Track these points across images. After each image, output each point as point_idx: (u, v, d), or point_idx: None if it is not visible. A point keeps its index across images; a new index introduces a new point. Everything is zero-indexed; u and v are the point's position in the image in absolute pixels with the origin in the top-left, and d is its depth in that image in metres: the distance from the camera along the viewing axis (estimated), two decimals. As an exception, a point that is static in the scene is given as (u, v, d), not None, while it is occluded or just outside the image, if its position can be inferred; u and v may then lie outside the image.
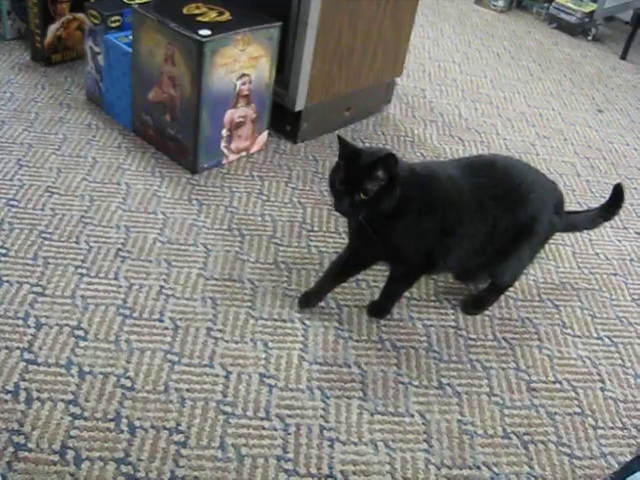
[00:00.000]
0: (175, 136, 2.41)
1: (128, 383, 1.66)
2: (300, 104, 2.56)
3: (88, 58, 2.69)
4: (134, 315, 1.84)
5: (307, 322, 1.90)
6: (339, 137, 1.73)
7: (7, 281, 1.88)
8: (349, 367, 1.80)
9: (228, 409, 1.64)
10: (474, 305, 2.06)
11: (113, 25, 2.58)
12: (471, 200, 1.82)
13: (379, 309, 1.97)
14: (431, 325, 1.96)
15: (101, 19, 2.56)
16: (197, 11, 2.36)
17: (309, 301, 1.95)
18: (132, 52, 2.45)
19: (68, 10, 2.96)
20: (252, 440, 1.59)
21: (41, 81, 2.86)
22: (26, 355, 1.69)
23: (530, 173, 1.94)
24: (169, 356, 1.74)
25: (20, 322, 1.77)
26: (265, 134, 2.57)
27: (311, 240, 2.19)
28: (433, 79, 3.47)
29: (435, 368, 1.84)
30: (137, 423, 1.58)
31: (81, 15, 2.93)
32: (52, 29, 2.95)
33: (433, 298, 2.06)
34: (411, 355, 1.86)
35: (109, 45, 2.55)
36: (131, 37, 2.48)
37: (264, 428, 1.62)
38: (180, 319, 1.85)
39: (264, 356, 1.78)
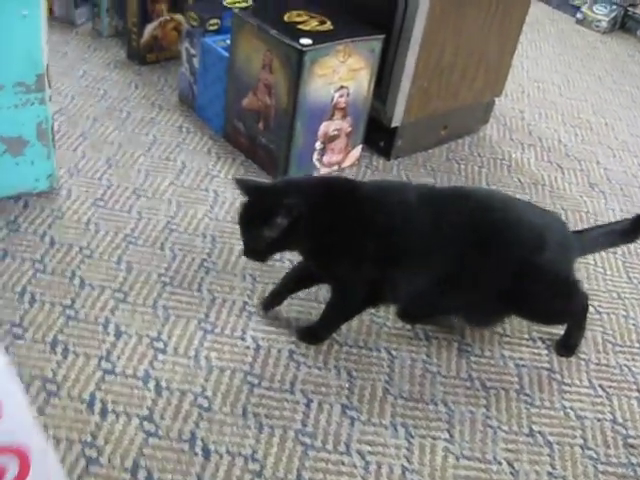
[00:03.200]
0: (267, 145, 2.34)
1: (205, 403, 1.59)
2: (397, 120, 2.47)
3: (183, 60, 2.65)
4: (215, 331, 1.77)
5: (394, 352, 1.80)
6: (236, 179, 1.66)
7: (90, 284, 1.84)
8: (436, 405, 1.70)
9: (307, 440, 1.56)
10: (565, 346, 1.92)
11: (211, 28, 2.53)
12: (425, 231, 1.65)
13: (309, 333, 1.80)
14: (523, 365, 1.84)
15: (200, 21, 2.52)
16: (298, 19, 2.30)
17: (268, 304, 1.84)
18: (229, 57, 2.39)
19: (166, 10, 2.94)
20: (330, 476, 1.50)
21: (135, 80, 2.83)
22: (104, 364, 1.64)
23: (515, 209, 1.75)
24: (249, 377, 1.67)
25: (100, 328, 1.73)
26: (359, 149, 2.48)
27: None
28: (532, 100, 3.33)
29: (526, 413, 1.72)
30: (212, 447, 1.51)
31: (178, 16, 2.91)
32: (149, 28, 2.93)
33: (526, 336, 1.93)
34: (501, 397, 1.75)
35: (206, 48, 2.50)
36: (229, 41, 2.42)
37: (343, 464, 1.54)
38: (263, 339, 1.77)
39: (347, 385, 1.70)
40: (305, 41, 2.13)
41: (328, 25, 2.27)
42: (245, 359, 1.71)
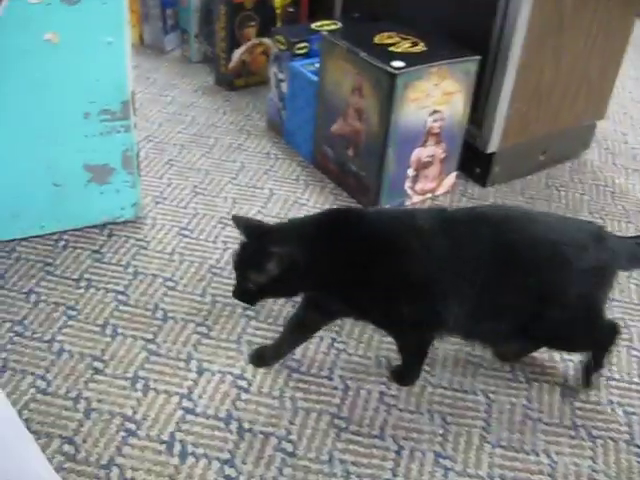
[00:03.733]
0: (357, 172, 2.25)
1: (290, 447, 1.50)
2: (493, 145, 2.35)
3: (271, 84, 2.59)
4: (302, 369, 1.68)
5: (491, 396, 1.67)
6: (234, 217, 1.55)
7: (173, 317, 1.78)
8: (537, 455, 1.56)
9: (398, 491, 1.44)
10: (588, 376, 1.73)
11: (299, 52, 2.47)
12: (445, 256, 1.50)
13: (399, 375, 1.68)
14: (633, 413, 1.69)
15: (287, 45, 2.46)
16: (389, 40, 2.21)
17: (263, 357, 1.69)
18: (318, 81, 2.32)
19: (255, 35, 2.89)
20: (424, 532, 1.39)
21: (223, 106, 2.80)
22: (185, 402, 1.57)
23: (532, 227, 1.57)
24: (336, 421, 1.57)
25: (182, 364, 1.66)
26: (453, 176, 2.37)
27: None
28: (635, 123, 3.15)
29: (637, 467, 1.56)
30: (296, 496, 1.41)
31: (267, 40, 2.86)
32: (237, 53, 2.89)
33: (636, 380, 1.77)
34: (609, 448, 1.59)
35: (294, 72, 2.44)
36: (317, 65, 2.35)
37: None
38: (351, 379, 1.67)
39: (441, 432, 1.58)
40: (397, 64, 2.04)
41: (421, 47, 2.18)
42: (332, 400, 1.62)
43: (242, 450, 1.48)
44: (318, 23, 2.50)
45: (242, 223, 1.54)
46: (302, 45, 2.46)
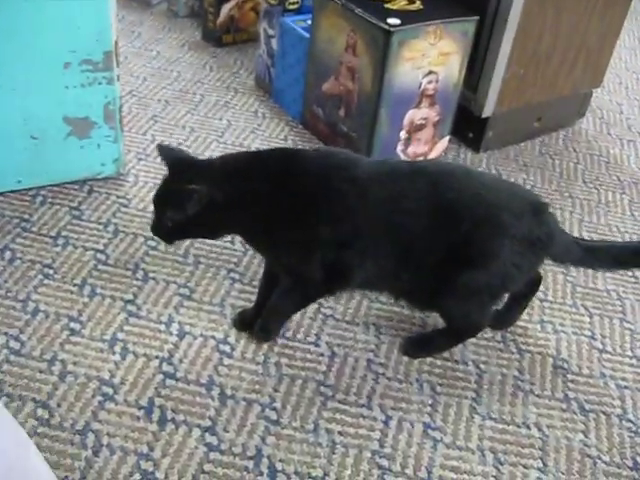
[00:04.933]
0: (348, 133, 2.18)
1: (273, 415, 1.44)
2: (488, 110, 2.28)
3: (261, 41, 2.50)
4: (287, 335, 1.62)
5: (482, 366, 1.62)
6: (158, 146, 1.47)
7: (154, 278, 1.72)
8: (528, 428, 1.51)
9: (384, 463, 1.39)
10: (415, 344, 1.65)
11: (291, 7, 2.39)
12: (378, 210, 1.44)
13: (261, 328, 1.60)
14: (626, 387, 1.64)
15: (279, 0, 2.36)
16: (386, -3, 2.12)
17: (246, 321, 1.62)
18: (309, 37, 2.23)
19: (245, -11, 2.80)
20: (410, 505, 1.34)
21: (209, 62, 2.71)
22: (165, 367, 1.51)
23: (473, 188, 1.49)
24: (322, 389, 1.52)
25: (162, 327, 1.60)
26: (446, 140, 2.30)
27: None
28: (630, 93, 3.09)
29: (630, 443, 1.52)
30: (279, 466, 1.36)
31: (257, -5, 2.77)
32: (226, 8, 2.80)
33: (629, 353, 1.73)
34: (601, 422, 1.55)
35: (285, 28, 2.35)
36: (310, 21, 2.27)
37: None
38: (339, 345, 1.61)
39: (430, 402, 1.53)
40: (393, 21, 1.96)
41: (418, 4, 2.09)
42: (318, 367, 1.56)
43: (224, 417, 1.43)
44: (311, -22, 2.41)
45: (167, 155, 1.46)
46: (294, 0, 2.37)
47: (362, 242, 1.44)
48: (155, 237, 1.50)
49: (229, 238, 1.84)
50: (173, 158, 1.46)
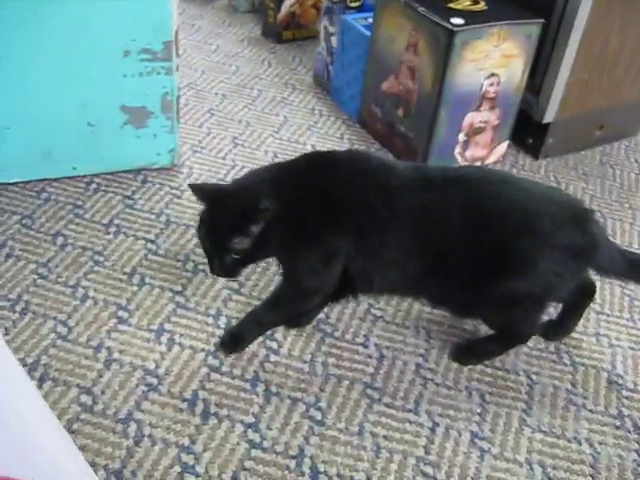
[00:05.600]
0: (405, 134, 2.14)
1: (318, 415, 1.42)
2: (550, 115, 2.22)
3: (321, 38, 2.48)
4: (335, 334, 1.60)
5: (534, 377, 1.58)
6: (190, 185, 1.41)
7: (204, 270, 1.72)
8: (579, 444, 1.46)
9: (429, 470, 1.36)
10: (465, 350, 1.59)
11: (353, 5, 2.37)
12: (407, 220, 1.39)
13: (233, 336, 1.52)
14: (685, 406, 1.58)
15: (341, -3, 2.34)
16: (449, -3, 2.08)
17: (299, 321, 1.58)
18: (370, 36, 2.20)
19: (306, -14, 2.78)
20: (454, 516, 1.30)
21: (268, 58, 2.69)
22: (211, 360, 1.49)
23: (523, 192, 1.45)
24: (369, 391, 1.48)
25: (210, 320, 1.59)
26: (505, 144, 2.25)
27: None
28: (698, 105, 2.99)
29: (688, 463, 1.46)
30: (321, 467, 1.33)
31: (319, -8, 2.75)
32: (287, 5, 2.78)
33: (690, 372, 1.66)
34: (657, 441, 1.49)
35: (345, 26, 2.33)
36: (371, 19, 2.24)
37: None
38: (387, 348, 1.58)
39: (479, 411, 1.48)
40: (456, 21, 1.92)
41: (482, 5, 2.05)
42: (366, 369, 1.53)
43: (268, 414, 1.40)
44: (374, -24, 2.38)
45: (200, 190, 1.42)
46: (356, -2, 2.35)
47: (388, 252, 1.41)
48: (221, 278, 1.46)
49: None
50: (209, 191, 1.42)
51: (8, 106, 1.75)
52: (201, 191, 1.41)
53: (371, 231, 1.39)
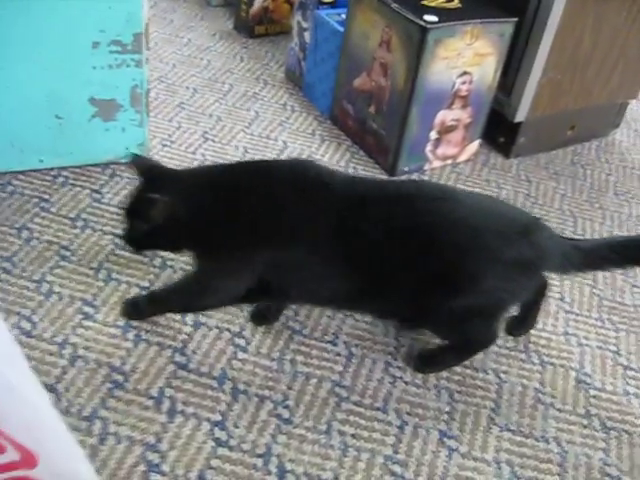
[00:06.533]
0: (377, 131, 2.13)
1: (286, 413, 1.40)
2: (521, 115, 2.22)
3: (294, 33, 2.47)
4: (304, 332, 1.58)
5: (502, 376, 1.58)
6: (131, 157, 1.46)
7: (171, 266, 1.70)
8: (547, 442, 1.46)
9: (397, 469, 1.35)
10: (426, 359, 1.57)
11: (326, 0, 2.34)
12: (341, 234, 1.37)
13: (134, 305, 1.54)
14: (652, 404, 1.59)
15: (315, -8, 2.33)
16: (423, -6, 2.07)
17: (265, 316, 1.58)
18: (343, 32, 2.19)
19: (280, -19, 2.76)
20: (422, 515, 1.29)
21: (240, 52, 2.67)
22: (177, 357, 1.47)
23: (469, 208, 1.44)
24: (337, 389, 1.47)
25: (177, 317, 1.56)
26: (476, 143, 2.25)
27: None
28: (667, 107, 3.02)
29: (654, 464, 1.47)
30: (289, 466, 1.32)
31: (292, -12, 2.73)
32: (260, -1, 2.75)
33: (656, 371, 1.67)
34: (623, 440, 1.50)
35: (319, 21, 2.31)
36: (344, 15, 2.22)
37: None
38: (356, 346, 1.57)
39: (447, 409, 1.48)
40: (430, 18, 1.91)
41: (456, 3, 2.05)
42: (335, 367, 1.52)
43: (235, 412, 1.39)
44: (347, -29, 2.37)
45: (140, 165, 1.44)
46: (330, -7, 2.33)
47: (309, 267, 1.39)
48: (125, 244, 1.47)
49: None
50: (145, 167, 1.44)
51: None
52: (138, 165, 1.45)
53: (292, 246, 1.37)
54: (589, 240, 1.59)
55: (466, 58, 2.01)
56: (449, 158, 2.21)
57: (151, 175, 1.43)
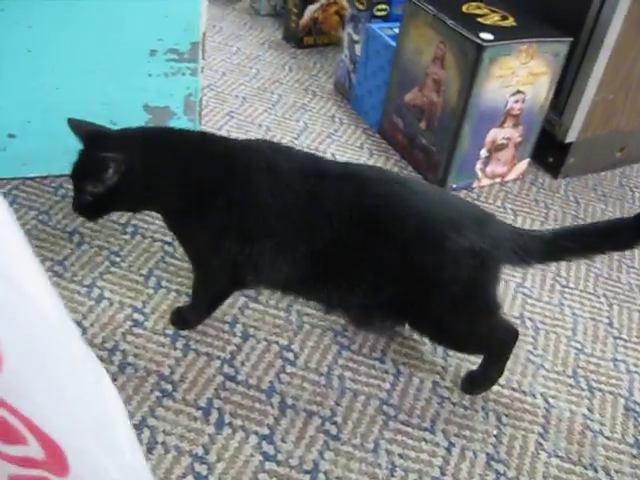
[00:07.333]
0: (427, 147, 2.12)
1: (333, 430, 1.40)
2: (572, 135, 2.20)
3: (344, 46, 2.46)
4: (352, 347, 1.58)
5: (551, 400, 1.56)
6: (69, 119, 1.40)
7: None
8: (595, 471, 1.44)
9: (445, 491, 1.33)
10: (473, 382, 1.54)
11: (378, 14, 2.35)
12: (293, 206, 1.35)
13: (179, 317, 1.55)
14: None
15: (367, 5, 2.33)
16: (478, 11, 2.07)
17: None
18: (396, 46, 2.18)
19: (330, -8, 2.76)
20: (469, 540, 1.28)
21: (289, 62, 2.67)
22: (226, 368, 1.47)
23: (421, 195, 1.41)
24: (385, 407, 1.46)
25: (226, 327, 1.56)
26: (525, 162, 2.23)
27: (565, 297, 1.83)
28: None
29: None
30: (336, 483, 1.31)
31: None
32: (310, 10, 2.76)
33: None
34: (676, 472, 1.47)
35: (371, 35, 2.31)
36: (396, 29, 2.22)
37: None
38: (404, 364, 1.57)
39: (495, 432, 1.46)
40: (486, 36, 1.90)
41: (511, 21, 2.04)
42: (382, 385, 1.51)
43: (282, 427, 1.38)
44: (400, -15, 2.37)
45: (80, 128, 1.41)
46: (382, 7, 2.33)
47: (272, 238, 1.37)
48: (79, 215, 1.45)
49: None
50: (86, 130, 1.42)
51: (32, 98, 1.73)
52: (78, 128, 1.42)
53: (253, 211, 1.36)
54: (550, 230, 1.52)
55: (520, 77, 1.99)
56: (498, 176, 2.19)
57: (94, 136, 1.40)
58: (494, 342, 1.50)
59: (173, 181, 1.38)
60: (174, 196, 1.39)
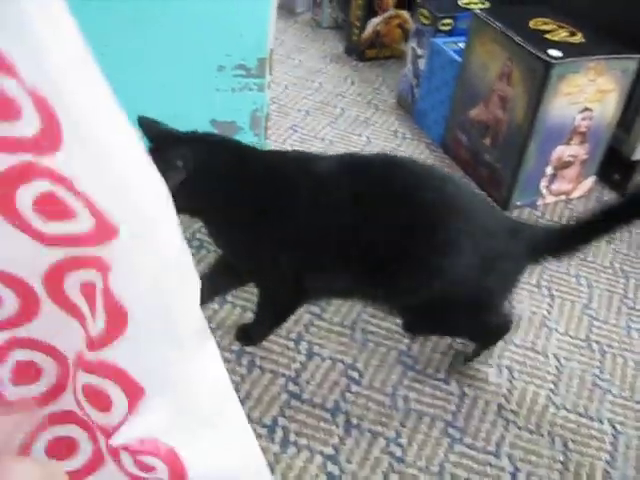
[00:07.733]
0: (492, 164, 2.11)
1: (398, 452, 1.39)
2: (639, 152, 2.16)
3: (408, 60, 2.46)
4: (417, 367, 1.57)
5: (618, 427, 1.52)
6: (139, 118, 1.37)
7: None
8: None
9: (511, 517, 1.32)
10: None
11: (443, 28, 2.33)
12: (341, 210, 1.32)
13: (243, 334, 1.55)
14: None
15: (432, 20, 2.32)
16: (545, 27, 2.04)
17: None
18: (461, 61, 2.17)
19: (393, 5, 2.76)
20: None
21: (351, 76, 2.68)
22: (291, 386, 1.47)
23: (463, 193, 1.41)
24: (450, 430, 1.45)
25: (291, 344, 1.57)
26: (591, 180, 2.20)
27: (632, 320, 1.80)
28: None
29: None
30: (401, 506, 1.30)
31: (404, 12, 2.73)
32: (372, 23, 2.76)
33: None
34: None
35: (435, 49, 2.30)
36: (461, 44, 2.21)
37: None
38: (469, 386, 1.55)
39: (561, 459, 1.44)
40: (554, 53, 1.88)
41: (579, 37, 2.01)
42: (447, 407, 1.50)
43: (347, 447, 1.38)
44: (466, 0, 2.35)
45: (148, 127, 1.40)
46: (447, 21, 2.32)
47: (327, 244, 1.35)
48: None
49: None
50: (155, 130, 1.41)
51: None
52: (147, 127, 1.40)
53: (306, 224, 1.35)
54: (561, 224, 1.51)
55: (588, 94, 1.97)
56: (563, 194, 2.17)
57: (161, 137, 1.40)
58: (490, 332, 1.54)
59: (232, 192, 1.37)
60: (232, 207, 1.38)
